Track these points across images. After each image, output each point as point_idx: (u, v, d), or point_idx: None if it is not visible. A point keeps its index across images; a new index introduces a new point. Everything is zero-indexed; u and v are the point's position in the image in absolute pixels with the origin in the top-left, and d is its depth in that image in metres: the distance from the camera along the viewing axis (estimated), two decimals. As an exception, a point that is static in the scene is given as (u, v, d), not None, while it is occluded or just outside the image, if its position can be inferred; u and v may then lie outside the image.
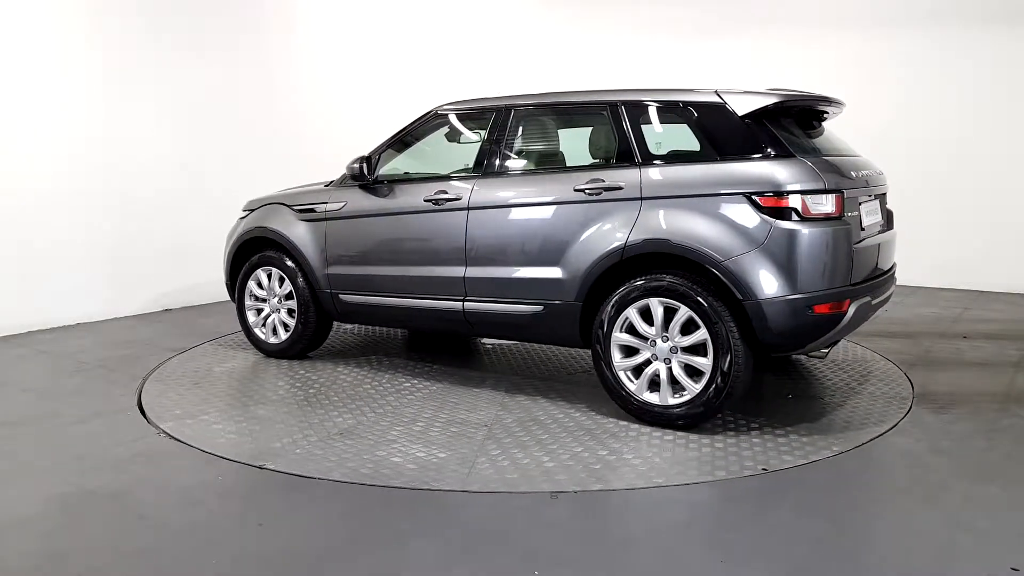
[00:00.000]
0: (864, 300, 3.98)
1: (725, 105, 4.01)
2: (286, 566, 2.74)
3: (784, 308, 3.73)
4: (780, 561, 2.74)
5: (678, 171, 4.05)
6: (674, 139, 4.18)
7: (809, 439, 3.88)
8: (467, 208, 4.61)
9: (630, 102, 4.28)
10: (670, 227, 3.94)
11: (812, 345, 3.94)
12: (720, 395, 3.86)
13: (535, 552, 2.82)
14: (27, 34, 6.23)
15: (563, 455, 3.69)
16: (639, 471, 3.50)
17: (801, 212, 3.73)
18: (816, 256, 3.74)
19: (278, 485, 3.41)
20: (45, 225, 6.39)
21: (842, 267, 3.82)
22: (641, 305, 4.00)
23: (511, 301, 4.46)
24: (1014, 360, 5.36)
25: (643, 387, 4.04)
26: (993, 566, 2.69)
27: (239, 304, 5.69)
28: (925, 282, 8.15)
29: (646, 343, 4.02)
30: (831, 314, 3.79)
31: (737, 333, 3.82)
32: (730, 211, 3.82)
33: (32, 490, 3.38)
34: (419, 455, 3.71)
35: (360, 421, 4.22)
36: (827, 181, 3.81)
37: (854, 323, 3.98)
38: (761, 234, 3.75)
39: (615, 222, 4.09)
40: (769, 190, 3.77)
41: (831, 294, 3.78)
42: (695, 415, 3.93)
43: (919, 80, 8.26)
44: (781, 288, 3.72)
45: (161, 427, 4.11)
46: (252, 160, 7.85)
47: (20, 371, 5.26)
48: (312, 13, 8.52)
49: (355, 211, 5.10)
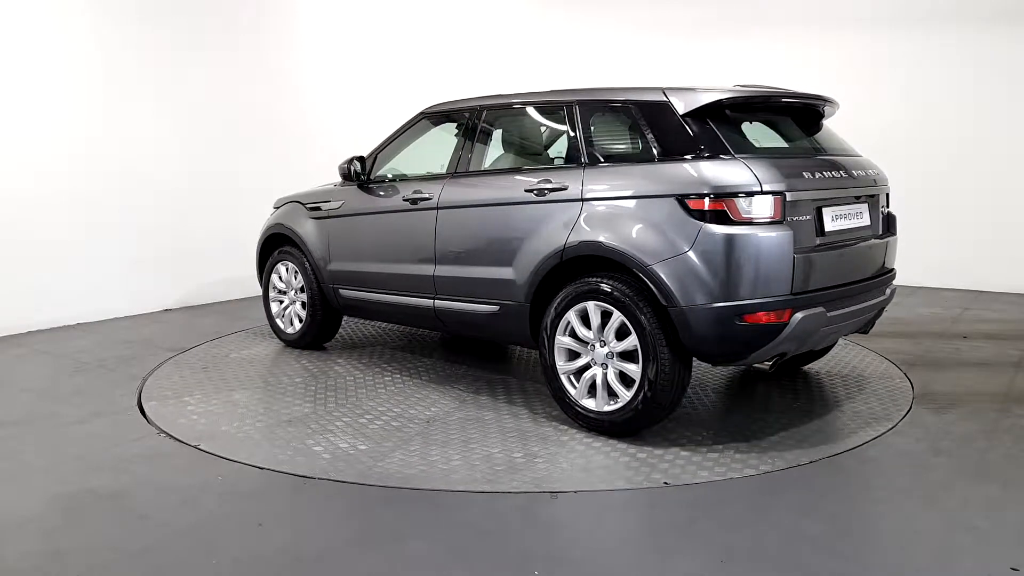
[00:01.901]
0: (815, 311, 3.66)
1: (668, 103, 3.84)
2: (286, 566, 2.74)
3: (709, 316, 3.54)
4: (780, 561, 2.74)
5: (616, 172, 3.95)
6: (621, 139, 4.13)
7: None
8: (436, 208, 4.71)
9: (581, 102, 4.22)
10: (603, 229, 3.85)
11: (753, 356, 3.72)
12: (648, 404, 3.72)
13: (534, 552, 2.82)
14: (29, 35, 6.23)
15: (476, 455, 3.71)
16: (536, 476, 3.45)
17: (731, 215, 3.53)
18: (746, 262, 3.51)
19: (278, 485, 3.42)
20: (45, 225, 6.39)
21: (780, 275, 3.55)
22: (580, 308, 3.92)
23: (472, 300, 4.52)
24: (1014, 360, 5.36)
25: (583, 392, 3.95)
26: (993, 566, 2.69)
27: (264, 295, 6.04)
28: (925, 282, 8.14)
29: (586, 347, 3.94)
30: (767, 325, 3.55)
31: (664, 340, 3.66)
32: (660, 214, 3.67)
33: (32, 490, 3.38)
34: (341, 446, 3.83)
35: (316, 411, 4.37)
36: (764, 182, 3.55)
37: (803, 336, 3.70)
38: (689, 238, 3.57)
39: (558, 223, 4.03)
40: (697, 192, 3.59)
41: (766, 304, 3.53)
42: (624, 423, 3.82)
43: (919, 80, 8.26)
44: (706, 295, 3.54)
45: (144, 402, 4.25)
46: (253, 160, 7.85)
47: (20, 371, 5.26)
48: (313, 13, 8.52)
49: (350, 210, 5.34)
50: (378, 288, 5.14)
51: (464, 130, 4.80)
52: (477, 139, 4.73)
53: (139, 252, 7.00)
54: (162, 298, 7.23)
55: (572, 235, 3.95)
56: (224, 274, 7.69)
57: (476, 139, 4.73)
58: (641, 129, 3.92)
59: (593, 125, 4.15)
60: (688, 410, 4.35)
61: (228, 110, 7.64)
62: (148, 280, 7.09)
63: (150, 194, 7.06)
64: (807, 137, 4.29)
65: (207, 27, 7.45)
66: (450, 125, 5.01)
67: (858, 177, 4.10)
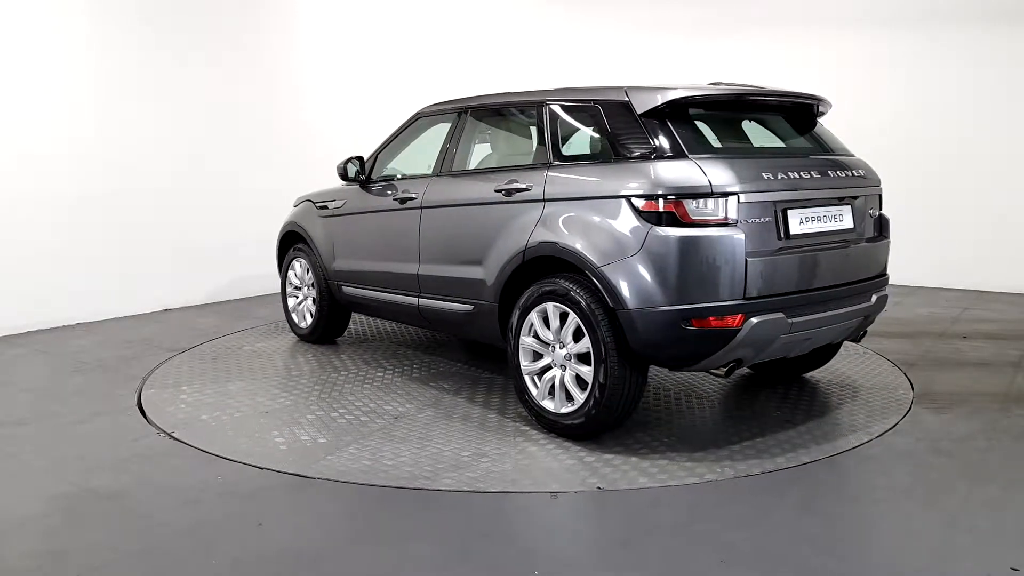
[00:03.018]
0: (772, 318, 3.53)
1: (628, 103, 3.78)
2: (286, 566, 2.74)
3: (656, 319, 3.47)
4: (780, 561, 2.74)
5: (575, 173, 3.94)
6: (583, 139, 4.12)
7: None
8: (420, 208, 4.80)
9: (550, 102, 4.23)
10: (559, 230, 3.84)
11: (706, 362, 3.62)
12: (599, 409, 3.67)
13: (534, 552, 2.82)
14: (29, 35, 6.23)
15: (427, 452, 3.74)
16: (473, 476, 3.46)
17: (680, 217, 3.46)
18: (694, 266, 3.44)
19: (278, 485, 3.42)
20: (45, 225, 6.39)
21: (731, 279, 3.45)
22: (541, 309, 3.90)
23: (450, 299, 4.58)
24: (1014, 360, 5.36)
25: (544, 393, 3.94)
26: (993, 566, 2.69)
27: (282, 291, 6.23)
28: (925, 282, 8.15)
29: (548, 348, 3.92)
30: (717, 330, 3.46)
31: (614, 344, 3.60)
32: (613, 215, 3.62)
33: (32, 490, 3.38)
34: (302, 438, 3.93)
35: (296, 403, 4.50)
36: (715, 183, 3.46)
37: (760, 343, 3.58)
38: (638, 240, 3.51)
39: (522, 224, 4.04)
40: (646, 193, 3.52)
41: (715, 308, 3.44)
42: (577, 426, 3.79)
43: (919, 80, 8.26)
44: (653, 298, 3.47)
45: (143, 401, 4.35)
46: (253, 160, 7.85)
47: (20, 371, 5.26)
48: (314, 13, 8.52)
49: (350, 209, 5.49)
50: (374, 286, 5.26)
51: (449, 130, 4.87)
52: (460, 139, 4.78)
53: (139, 252, 6.99)
54: (162, 298, 7.23)
55: (533, 236, 3.96)
56: (224, 274, 7.69)
57: (459, 139, 4.78)
58: (602, 129, 3.89)
59: (559, 125, 4.16)
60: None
61: (229, 110, 7.64)
62: (148, 280, 7.09)
63: (150, 194, 7.06)
64: (787, 137, 4.22)
65: (208, 27, 7.44)
66: (441, 125, 5.07)
67: (836, 178, 3.94)
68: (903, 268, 8.58)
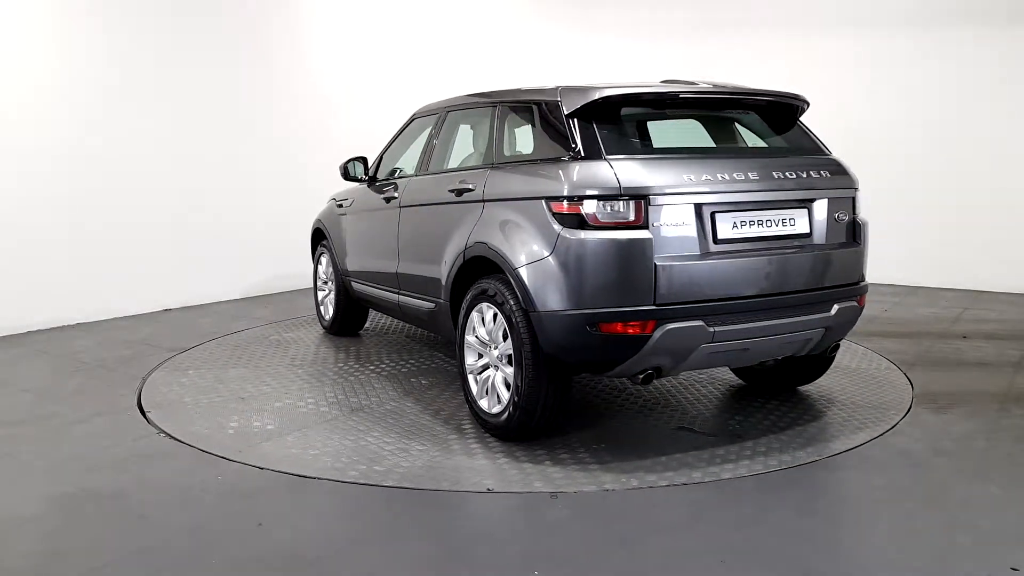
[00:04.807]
0: (688, 325, 3.38)
1: (559, 103, 3.72)
2: (286, 566, 2.74)
3: (565, 323, 3.42)
4: (780, 561, 2.74)
5: (508, 173, 3.95)
6: (523, 140, 4.13)
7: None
8: (399, 207, 4.94)
9: (500, 103, 4.27)
10: (490, 231, 3.85)
11: (620, 369, 3.52)
12: (516, 410, 3.65)
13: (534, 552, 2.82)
14: (29, 35, 6.24)
15: (356, 444, 3.83)
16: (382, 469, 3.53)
17: (588, 219, 3.39)
18: (601, 269, 3.35)
19: (278, 485, 3.42)
20: (45, 225, 6.39)
21: (639, 284, 3.34)
22: (479, 309, 3.92)
23: (417, 296, 4.72)
24: (1014, 360, 5.35)
25: (481, 391, 3.95)
26: (993, 566, 2.69)
27: (313, 285, 6.54)
28: (925, 282, 8.15)
29: (487, 348, 3.93)
30: (626, 336, 3.37)
31: (531, 346, 3.56)
32: (532, 217, 3.59)
33: (32, 490, 3.38)
34: (254, 425, 4.12)
35: (274, 391, 4.71)
36: (624, 185, 3.36)
37: (676, 351, 3.44)
38: (550, 242, 3.46)
39: (466, 224, 4.07)
40: (558, 194, 3.47)
41: (622, 313, 3.35)
42: (500, 426, 3.80)
43: (919, 80, 8.26)
44: (561, 301, 3.42)
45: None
46: (253, 160, 7.85)
47: (20, 371, 5.26)
48: (315, 13, 8.51)
49: (355, 208, 5.69)
50: (371, 282, 5.45)
51: (430, 131, 4.96)
52: (436, 140, 4.87)
53: (139, 252, 7.00)
54: (162, 298, 7.23)
55: (471, 236, 4.00)
56: (224, 274, 7.69)
57: (435, 140, 4.88)
58: (536, 130, 3.91)
59: (504, 126, 4.21)
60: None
61: (230, 110, 7.64)
62: (148, 280, 7.09)
63: (150, 194, 7.06)
64: (744, 136, 4.14)
65: (208, 27, 7.44)
66: (430, 126, 5.15)
67: (786, 179, 3.70)
68: (903, 268, 8.65)
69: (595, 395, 4.61)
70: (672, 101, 3.90)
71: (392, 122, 6.18)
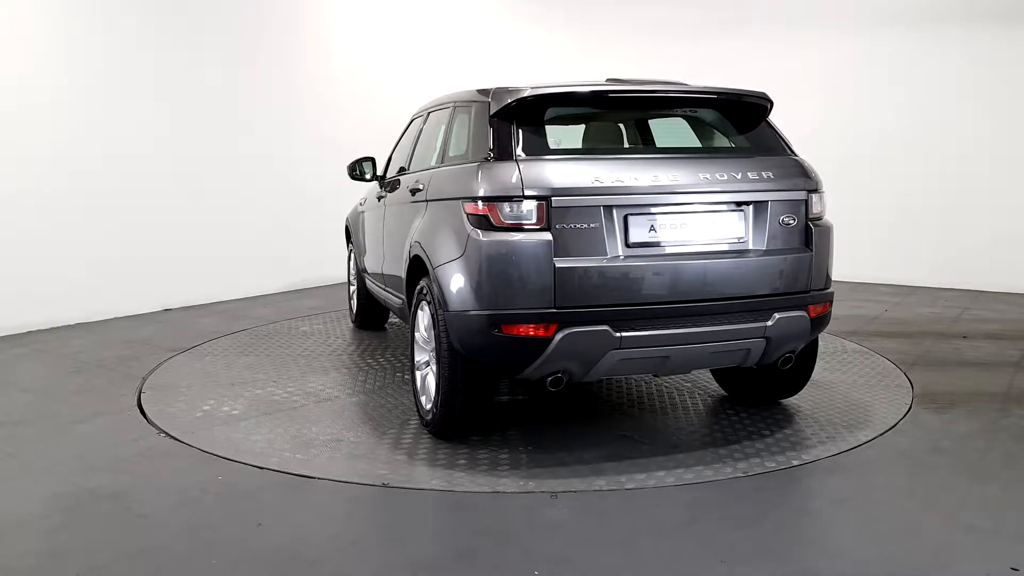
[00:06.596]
0: (592, 330, 3.31)
1: (488, 104, 3.73)
2: (286, 566, 2.74)
3: (471, 323, 3.44)
4: (780, 561, 2.74)
5: (444, 174, 4.01)
6: (460, 141, 4.14)
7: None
8: (385, 206, 5.17)
9: (455, 103, 4.34)
10: (424, 231, 3.96)
11: (528, 371, 3.46)
12: (437, 408, 3.70)
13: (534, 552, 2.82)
14: (30, 35, 6.24)
15: (299, 433, 3.96)
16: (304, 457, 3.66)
17: (493, 221, 3.39)
18: (502, 270, 3.35)
19: (278, 485, 3.42)
20: (45, 225, 6.39)
21: (538, 286, 3.31)
22: (421, 306, 3.96)
23: (393, 293, 4.90)
24: (1014, 360, 5.36)
25: (421, 388, 4.01)
26: (993, 566, 2.69)
27: (347, 281, 6.81)
28: (925, 282, 8.15)
29: (428, 346, 3.96)
30: (527, 338, 3.33)
31: (447, 344, 3.57)
32: (452, 217, 3.63)
33: (32, 490, 3.38)
34: (223, 410, 4.34)
35: (266, 378, 4.95)
36: (527, 186, 3.35)
37: (582, 356, 3.36)
38: (462, 243, 3.50)
39: (414, 223, 4.17)
40: (469, 196, 3.51)
41: (521, 316, 3.33)
42: (429, 422, 3.86)
43: (919, 81, 8.27)
44: (468, 302, 3.45)
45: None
46: (254, 161, 7.85)
47: (20, 371, 5.26)
48: (315, 13, 8.51)
49: (367, 207, 5.88)
50: (372, 278, 5.70)
51: (419, 130, 5.06)
52: (419, 141, 4.98)
53: (139, 252, 7.00)
54: (162, 298, 7.23)
55: (413, 235, 4.10)
56: (225, 274, 7.69)
57: (417, 141, 5.00)
58: (469, 131, 3.94)
59: (452, 127, 4.28)
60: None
61: (230, 110, 7.64)
62: (148, 280, 7.09)
63: (150, 194, 7.06)
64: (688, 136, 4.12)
65: (208, 27, 7.45)
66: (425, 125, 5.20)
67: (719, 180, 3.53)
68: (903, 268, 8.65)
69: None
70: (599, 100, 3.86)
71: (392, 122, 6.20)
